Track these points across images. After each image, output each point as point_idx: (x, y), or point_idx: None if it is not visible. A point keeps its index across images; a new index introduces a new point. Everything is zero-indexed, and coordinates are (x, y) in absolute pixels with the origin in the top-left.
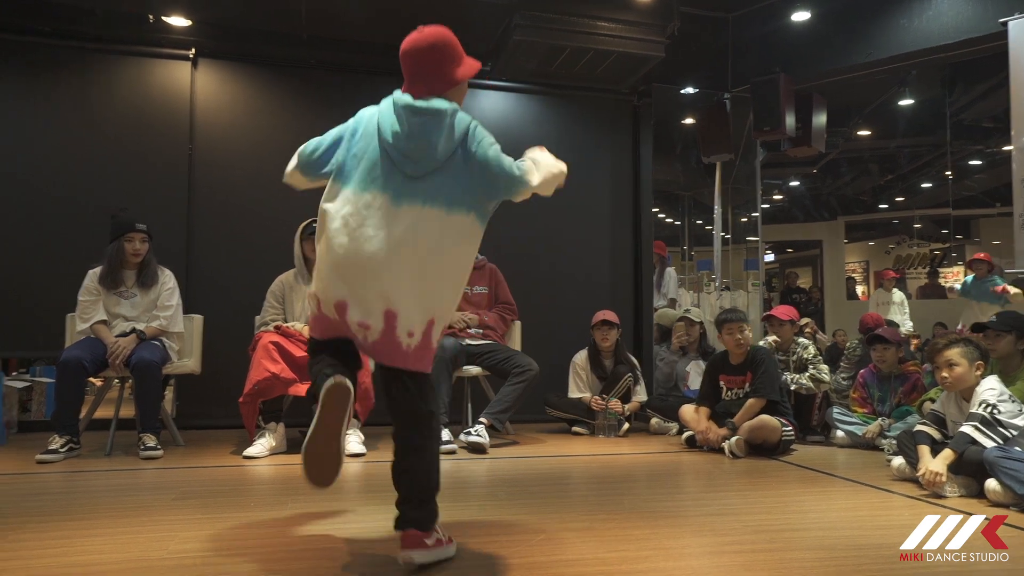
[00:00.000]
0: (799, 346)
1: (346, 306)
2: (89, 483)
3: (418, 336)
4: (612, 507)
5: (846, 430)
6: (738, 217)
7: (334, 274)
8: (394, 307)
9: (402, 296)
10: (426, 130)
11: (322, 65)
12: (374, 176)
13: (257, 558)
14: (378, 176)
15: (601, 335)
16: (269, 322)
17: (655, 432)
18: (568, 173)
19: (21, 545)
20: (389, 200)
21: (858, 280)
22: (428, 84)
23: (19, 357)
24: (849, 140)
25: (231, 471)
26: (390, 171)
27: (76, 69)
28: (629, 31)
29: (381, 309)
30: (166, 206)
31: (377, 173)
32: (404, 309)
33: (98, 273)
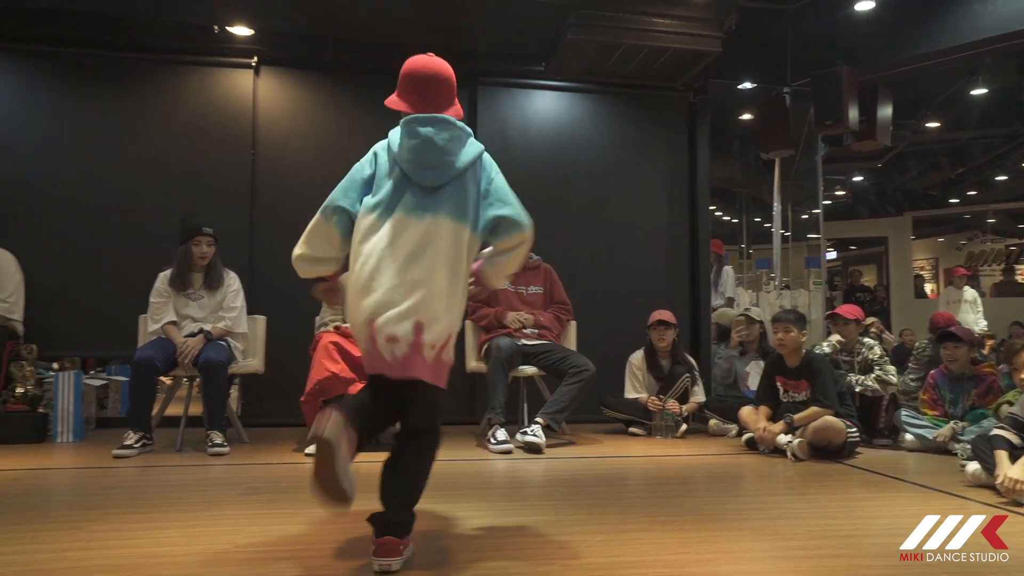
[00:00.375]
0: (864, 346)
1: (374, 323)
2: (161, 478)
3: (438, 349)
4: (671, 509)
5: (916, 433)
6: (798, 214)
7: (363, 295)
8: (422, 319)
9: (430, 309)
10: (452, 142)
11: (379, 69)
12: (392, 201)
13: (320, 553)
14: (395, 198)
15: (657, 335)
16: (329, 322)
17: (714, 434)
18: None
19: (101, 535)
20: (405, 214)
21: (926, 278)
22: (438, 110)
23: (96, 356)
24: (917, 132)
25: (294, 468)
26: (404, 189)
27: (145, 80)
28: (685, 27)
29: (411, 321)
30: (230, 210)
31: (394, 196)
32: (431, 322)
33: (168, 276)
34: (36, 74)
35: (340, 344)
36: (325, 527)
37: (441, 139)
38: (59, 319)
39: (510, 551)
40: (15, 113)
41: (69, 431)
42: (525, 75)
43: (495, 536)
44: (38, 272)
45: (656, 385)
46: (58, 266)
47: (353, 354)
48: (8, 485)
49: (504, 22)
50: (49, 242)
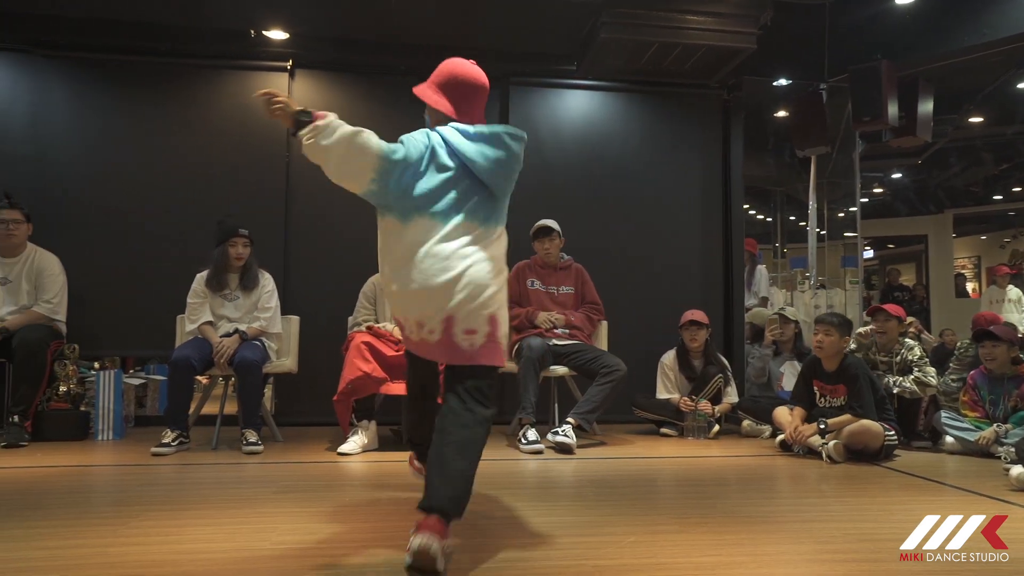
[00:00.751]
0: (904, 347)
1: (413, 320)
2: (198, 475)
3: (481, 334)
4: (704, 511)
5: (957, 436)
6: (834, 212)
7: (408, 294)
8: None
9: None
10: (520, 153)
11: (412, 71)
12: (449, 203)
13: (353, 551)
14: (455, 201)
15: (689, 335)
16: (361, 323)
17: (747, 435)
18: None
19: (140, 531)
20: (465, 219)
21: (968, 276)
22: (477, 118)
23: (135, 356)
24: (959, 128)
25: (326, 467)
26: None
27: (184, 85)
28: (719, 23)
29: (441, 318)
30: (265, 212)
31: (452, 199)
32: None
33: (205, 277)
34: (82, 81)
35: (372, 344)
36: (358, 525)
37: (518, 151)
38: (100, 319)
39: (541, 551)
40: (60, 119)
41: (109, 429)
42: (557, 75)
43: (526, 536)
44: (80, 274)
45: (688, 386)
46: (99, 268)
47: (385, 354)
48: (52, 481)
49: (536, 22)
50: (91, 244)
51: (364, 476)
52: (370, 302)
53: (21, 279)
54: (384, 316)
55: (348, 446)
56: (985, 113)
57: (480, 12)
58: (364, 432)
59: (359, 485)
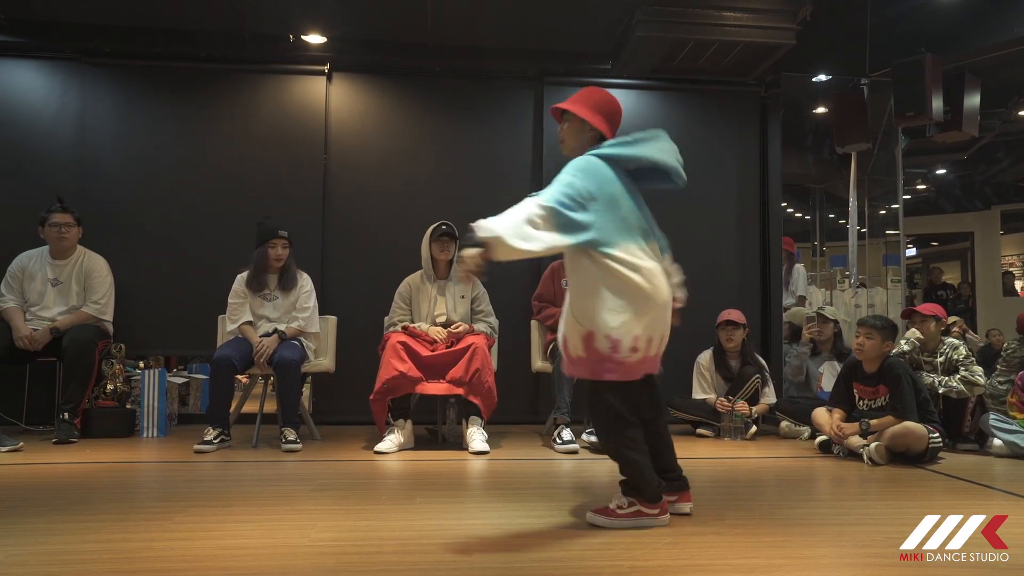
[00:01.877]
0: (948, 347)
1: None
2: (239, 473)
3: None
4: (741, 512)
5: (1005, 439)
6: (876, 209)
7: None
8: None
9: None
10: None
11: (448, 72)
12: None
13: (389, 549)
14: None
15: (726, 335)
16: (397, 323)
17: (785, 436)
18: (690, 173)
19: (184, 527)
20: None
21: (1017, 275)
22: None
23: (179, 355)
24: (1007, 122)
25: (363, 466)
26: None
27: (225, 89)
28: (756, 19)
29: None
30: (303, 213)
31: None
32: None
33: (245, 277)
34: (127, 88)
35: (408, 344)
36: (394, 522)
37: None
38: (145, 320)
39: (577, 551)
40: (107, 125)
41: (154, 426)
42: (592, 73)
43: (562, 536)
44: (126, 275)
45: (725, 386)
46: (144, 270)
47: (420, 354)
48: (100, 477)
49: (570, 21)
50: (137, 247)
51: (400, 474)
52: (405, 302)
53: (71, 280)
54: (419, 316)
55: (384, 445)
56: None
57: (515, 12)
58: (400, 431)
59: (395, 483)
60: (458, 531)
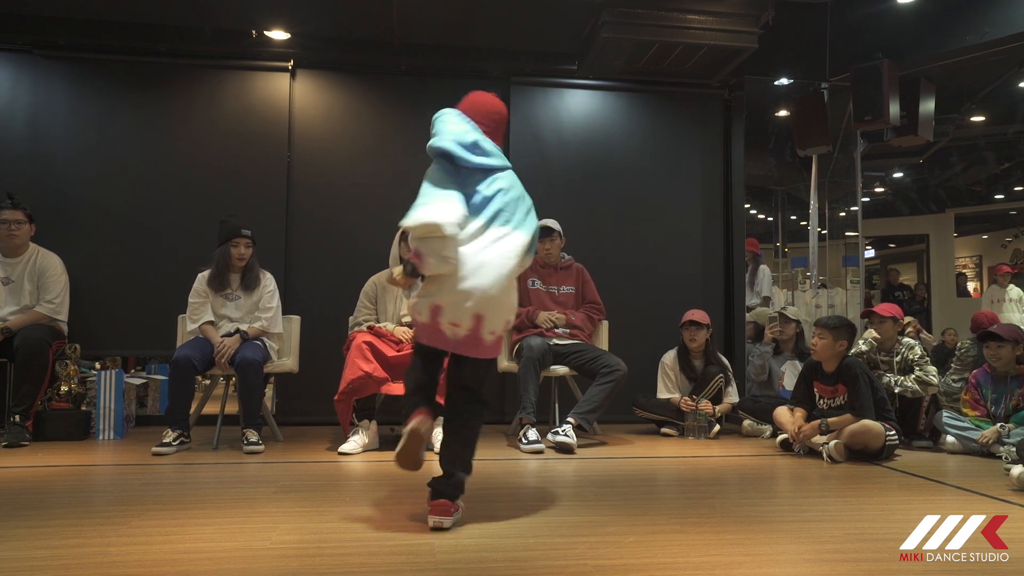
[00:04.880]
0: (904, 347)
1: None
2: (198, 475)
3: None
4: (703, 510)
5: (957, 435)
6: (836, 211)
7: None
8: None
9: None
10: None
11: (413, 71)
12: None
13: (352, 551)
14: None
15: (689, 335)
16: (362, 322)
17: (747, 434)
18: (655, 174)
19: (141, 531)
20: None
21: (969, 276)
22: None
23: (137, 356)
24: (961, 127)
25: (327, 467)
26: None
27: (185, 85)
28: (720, 23)
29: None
30: (266, 211)
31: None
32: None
33: (206, 276)
34: (82, 81)
35: (373, 344)
36: (358, 524)
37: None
38: (101, 319)
39: (541, 551)
40: (61, 120)
41: (110, 428)
42: (558, 74)
43: (526, 536)
44: (82, 273)
45: (689, 385)
46: (101, 268)
47: (386, 354)
48: (53, 481)
49: (537, 21)
50: (92, 245)
51: (364, 476)
52: (371, 302)
53: (23, 279)
54: (385, 316)
55: (349, 446)
56: (986, 112)
57: (481, 12)
58: (364, 432)
59: (359, 485)
60: (423, 532)
